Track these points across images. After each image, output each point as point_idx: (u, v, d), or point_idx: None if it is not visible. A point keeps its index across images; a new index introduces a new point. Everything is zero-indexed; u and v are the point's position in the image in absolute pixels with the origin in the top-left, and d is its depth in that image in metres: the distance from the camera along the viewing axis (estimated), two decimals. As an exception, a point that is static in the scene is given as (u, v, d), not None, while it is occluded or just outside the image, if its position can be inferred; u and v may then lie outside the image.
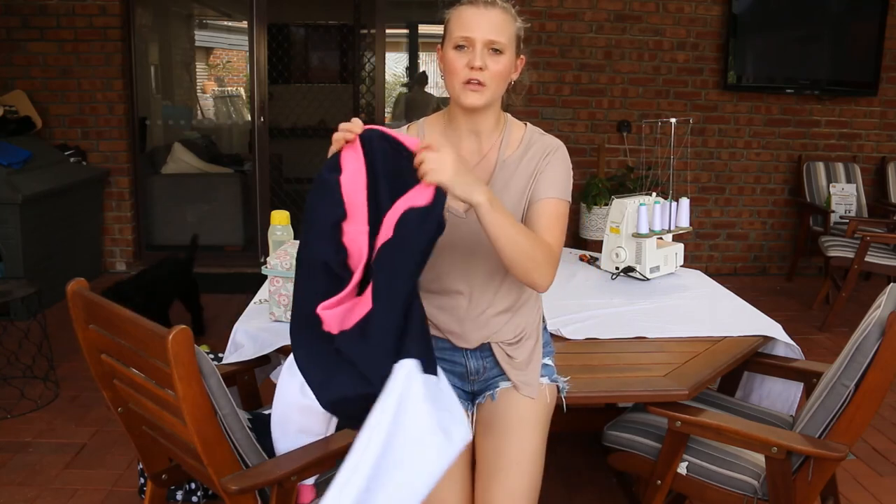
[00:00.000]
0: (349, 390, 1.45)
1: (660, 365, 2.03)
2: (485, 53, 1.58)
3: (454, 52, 1.60)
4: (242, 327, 2.24)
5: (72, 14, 5.11)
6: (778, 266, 5.77)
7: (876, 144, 5.68)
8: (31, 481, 2.66)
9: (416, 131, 1.74)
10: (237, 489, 1.56)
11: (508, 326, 1.73)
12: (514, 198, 1.67)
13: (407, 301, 1.45)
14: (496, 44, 1.58)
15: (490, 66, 1.59)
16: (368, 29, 6.22)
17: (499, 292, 1.71)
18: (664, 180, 4.52)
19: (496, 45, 1.59)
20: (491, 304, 1.71)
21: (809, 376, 2.19)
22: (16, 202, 4.19)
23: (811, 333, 4.32)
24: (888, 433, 3.13)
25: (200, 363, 1.55)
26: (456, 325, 1.71)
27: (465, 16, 1.60)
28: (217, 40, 9.74)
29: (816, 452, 1.76)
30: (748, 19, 5.35)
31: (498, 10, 1.60)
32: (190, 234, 4.32)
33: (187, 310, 4.06)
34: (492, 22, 1.58)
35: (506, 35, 1.60)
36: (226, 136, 8.18)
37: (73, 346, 2.27)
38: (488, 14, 1.59)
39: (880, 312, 1.78)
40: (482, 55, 1.58)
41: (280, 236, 2.53)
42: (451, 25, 1.62)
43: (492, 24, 1.58)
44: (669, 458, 1.92)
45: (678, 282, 2.86)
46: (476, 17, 1.58)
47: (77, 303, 1.74)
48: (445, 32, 1.64)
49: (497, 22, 1.59)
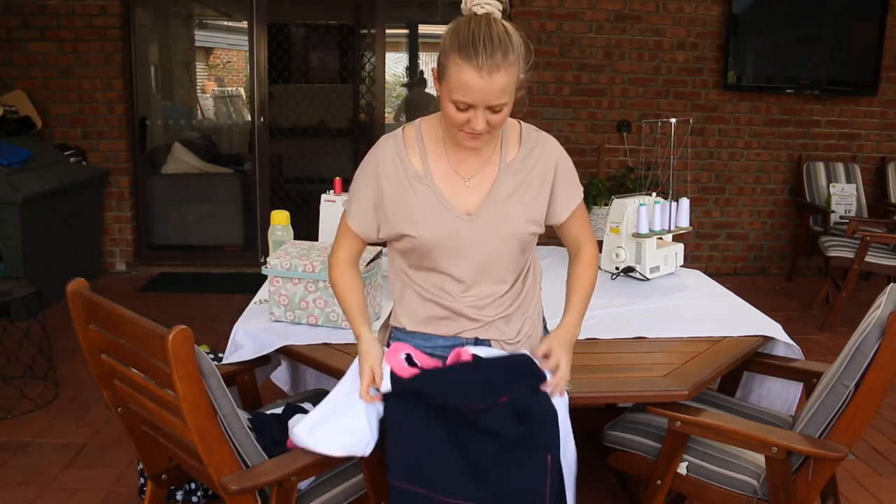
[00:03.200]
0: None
1: (660, 365, 2.04)
2: (486, 113, 1.52)
3: (453, 108, 1.52)
4: (242, 327, 2.24)
5: (72, 14, 5.11)
6: (778, 266, 5.77)
7: (876, 144, 5.68)
8: (31, 481, 2.66)
9: (412, 132, 1.70)
10: (237, 489, 1.57)
11: (509, 327, 1.73)
12: (528, 198, 1.67)
13: None
14: (497, 105, 1.51)
15: (491, 121, 1.53)
16: (368, 29, 6.22)
17: (502, 294, 1.71)
18: (664, 180, 4.52)
19: (498, 107, 1.52)
20: (493, 304, 1.70)
21: (809, 376, 2.19)
22: (16, 202, 4.19)
23: (811, 333, 4.32)
24: (888, 433, 3.13)
25: (200, 363, 1.55)
26: (454, 325, 1.71)
27: (466, 79, 1.47)
28: (217, 40, 9.74)
29: (816, 452, 1.76)
30: (748, 19, 5.35)
31: (502, 75, 1.48)
32: (190, 234, 4.31)
33: None
34: (494, 90, 1.48)
35: (508, 94, 1.52)
36: (226, 136, 8.19)
37: (73, 346, 2.27)
38: (493, 83, 1.47)
39: (880, 312, 1.78)
40: (483, 116, 1.52)
41: (280, 236, 2.53)
42: (452, 80, 1.50)
43: (494, 91, 1.48)
44: (669, 458, 1.92)
45: (678, 282, 2.86)
46: (479, 86, 1.48)
47: (77, 303, 1.74)
48: (444, 76, 1.53)
49: (500, 87, 1.49)
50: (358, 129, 6.99)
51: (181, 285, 5.12)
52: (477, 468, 1.59)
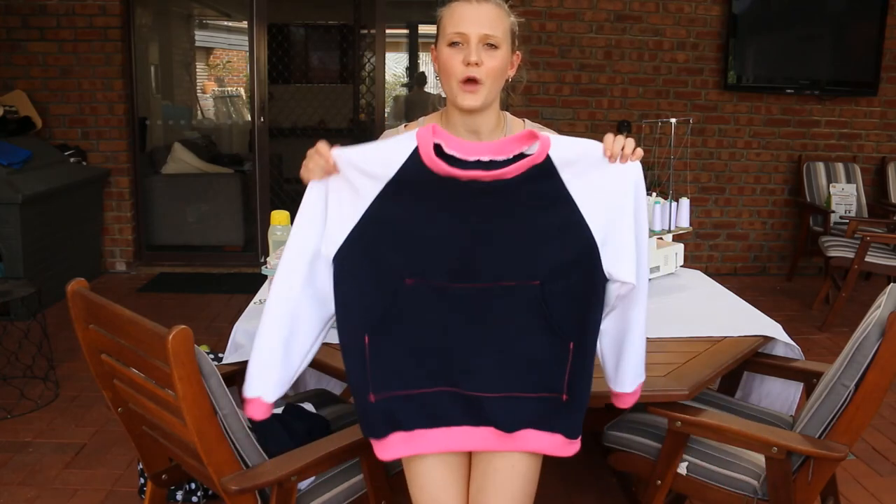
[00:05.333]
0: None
1: (660, 365, 2.03)
2: (480, 49, 1.57)
3: (449, 50, 1.59)
4: (242, 327, 2.23)
5: (72, 14, 5.11)
6: (778, 266, 5.77)
7: (876, 144, 5.68)
8: (31, 481, 2.66)
9: (415, 129, 1.72)
10: (237, 489, 1.56)
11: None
12: None
13: None
14: (491, 38, 1.57)
15: (486, 62, 1.57)
16: (368, 29, 6.23)
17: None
18: (664, 180, 4.52)
19: (491, 40, 1.57)
20: None
21: (809, 376, 2.19)
22: (16, 202, 4.18)
23: (811, 333, 4.32)
24: (888, 433, 3.12)
25: (200, 363, 1.55)
26: None
27: (457, 12, 1.58)
28: (217, 40, 9.75)
29: (816, 452, 1.76)
30: (748, 19, 5.35)
31: (491, 5, 1.58)
32: (190, 234, 4.31)
33: None
34: (485, 16, 1.57)
35: (500, 29, 1.58)
36: (226, 136, 8.19)
37: (73, 346, 2.27)
38: (481, 9, 1.57)
39: (880, 312, 1.78)
40: (477, 50, 1.56)
41: (280, 236, 2.53)
42: (444, 22, 1.60)
43: (485, 18, 1.57)
44: (669, 458, 1.92)
45: (678, 282, 2.86)
46: (469, 13, 1.57)
47: (77, 303, 1.74)
48: (438, 30, 1.63)
49: (491, 16, 1.57)
50: (358, 129, 6.99)
51: (181, 285, 5.12)
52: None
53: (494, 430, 1.47)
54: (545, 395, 1.45)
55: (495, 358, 1.43)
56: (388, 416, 1.46)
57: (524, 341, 1.43)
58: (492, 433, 1.48)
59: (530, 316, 1.42)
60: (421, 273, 1.40)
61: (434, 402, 1.46)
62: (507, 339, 1.43)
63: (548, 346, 1.43)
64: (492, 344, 1.43)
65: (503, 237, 1.38)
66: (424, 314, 1.42)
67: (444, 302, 1.41)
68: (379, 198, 1.38)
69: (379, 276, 1.41)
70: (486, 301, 1.41)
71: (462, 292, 1.40)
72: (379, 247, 1.40)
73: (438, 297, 1.41)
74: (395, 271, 1.41)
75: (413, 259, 1.40)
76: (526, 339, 1.43)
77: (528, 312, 1.41)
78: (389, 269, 1.41)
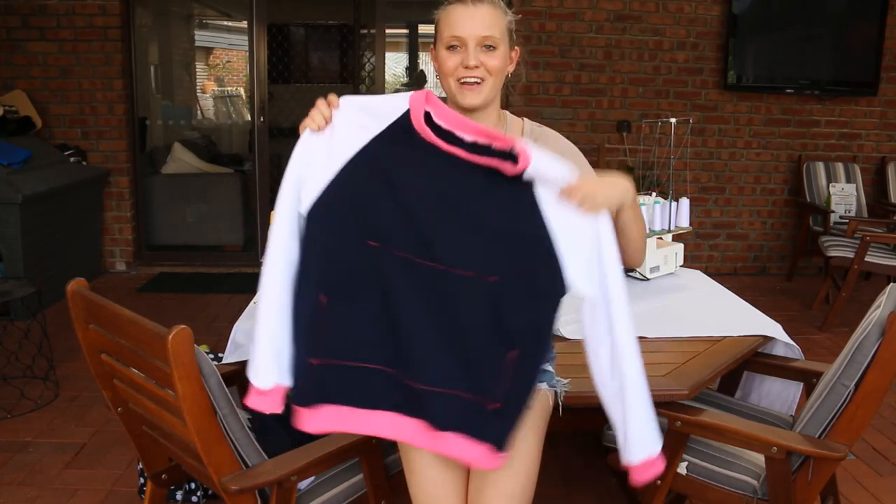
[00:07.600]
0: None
1: (660, 365, 2.03)
2: (478, 51, 1.57)
3: (447, 53, 1.59)
4: (242, 327, 2.24)
5: (72, 14, 5.11)
6: (778, 266, 5.77)
7: (876, 144, 5.68)
8: (31, 481, 2.66)
9: None
10: (237, 489, 1.57)
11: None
12: None
13: None
14: (489, 39, 1.57)
15: (485, 62, 1.58)
16: (368, 29, 6.23)
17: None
18: (664, 180, 4.52)
19: (489, 41, 1.57)
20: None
21: (809, 376, 2.19)
22: (16, 202, 4.18)
23: (811, 333, 4.32)
24: (888, 433, 3.12)
25: (200, 363, 1.55)
26: None
27: (454, 15, 1.58)
28: (217, 40, 9.75)
29: (816, 452, 1.76)
30: (748, 19, 5.35)
31: (487, 6, 1.58)
32: (190, 234, 4.32)
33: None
34: (482, 19, 1.56)
35: (498, 29, 1.58)
36: (226, 136, 8.19)
37: (73, 346, 2.27)
38: (478, 11, 1.57)
39: (880, 312, 1.78)
40: (475, 53, 1.57)
41: (280, 236, 2.52)
42: (441, 26, 1.61)
43: (482, 20, 1.56)
44: (669, 459, 1.92)
45: (678, 282, 2.86)
46: (466, 16, 1.56)
47: (77, 303, 1.74)
48: (436, 33, 1.63)
49: (487, 18, 1.57)
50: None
51: (181, 285, 5.12)
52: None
53: (425, 424, 1.45)
54: (480, 398, 1.43)
55: (442, 350, 1.42)
56: (322, 386, 1.46)
57: (471, 339, 1.42)
58: (421, 427, 1.46)
59: (483, 314, 1.42)
60: (387, 239, 1.42)
61: (370, 381, 1.45)
62: (457, 332, 1.42)
63: (495, 348, 1.43)
64: (442, 334, 1.42)
65: (468, 220, 1.42)
66: (388, 282, 1.43)
67: (407, 277, 1.42)
68: (364, 149, 1.46)
69: (346, 235, 1.44)
70: (443, 287, 1.41)
71: (425, 270, 1.41)
72: (353, 200, 1.44)
73: (403, 271, 1.42)
74: (363, 230, 1.44)
75: (381, 221, 1.43)
76: (474, 337, 1.42)
77: (481, 309, 1.42)
78: (357, 229, 1.44)
